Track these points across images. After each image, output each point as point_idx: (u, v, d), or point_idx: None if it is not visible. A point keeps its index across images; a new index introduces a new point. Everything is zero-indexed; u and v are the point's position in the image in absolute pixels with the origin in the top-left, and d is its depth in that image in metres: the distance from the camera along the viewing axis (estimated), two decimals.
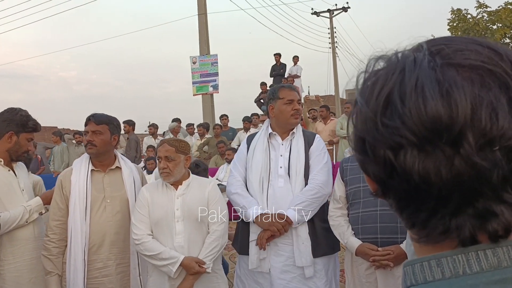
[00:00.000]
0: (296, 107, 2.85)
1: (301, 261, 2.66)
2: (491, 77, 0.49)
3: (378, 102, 0.52)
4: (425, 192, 0.51)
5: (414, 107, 0.49)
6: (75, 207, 2.60)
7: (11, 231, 2.60)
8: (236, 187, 2.82)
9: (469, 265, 0.51)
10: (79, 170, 2.68)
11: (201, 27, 13.86)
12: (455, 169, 0.48)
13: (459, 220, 0.51)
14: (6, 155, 2.70)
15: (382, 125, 0.51)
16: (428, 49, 0.53)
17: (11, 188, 2.67)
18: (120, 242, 2.68)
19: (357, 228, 2.63)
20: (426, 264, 0.54)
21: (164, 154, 2.60)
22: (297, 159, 2.77)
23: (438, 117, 0.48)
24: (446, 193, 0.50)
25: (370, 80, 0.55)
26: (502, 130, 0.47)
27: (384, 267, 2.52)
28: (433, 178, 0.49)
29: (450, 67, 0.50)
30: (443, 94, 0.48)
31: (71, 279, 2.56)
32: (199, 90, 13.51)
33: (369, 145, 0.54)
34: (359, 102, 0.56)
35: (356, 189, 2.67)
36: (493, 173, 0.48)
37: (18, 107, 2.79)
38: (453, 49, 0.52)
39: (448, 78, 0.49)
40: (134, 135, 9.76)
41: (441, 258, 0.53)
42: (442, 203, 0.51)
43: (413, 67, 0.51)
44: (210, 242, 2.59)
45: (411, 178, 0.50)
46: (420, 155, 0.49)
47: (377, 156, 0.53)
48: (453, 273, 0.51)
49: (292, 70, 14.08)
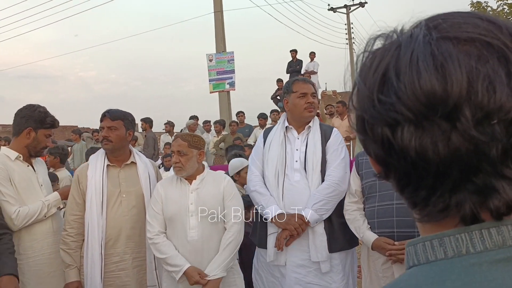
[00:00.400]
0: (309, 100, 2.82)
1: (317, 256, 2.65)
2: (489, 50, 0.48)
3: (374, 79, 0.52)
4: (423, 169, 0.50)
5: (408, 82, 0.48)
6: (91, 202, 2.63)
7: (30, 226, 2.64)
8: (255, 184, 2.81)
9: (472, 244, 0.50)
10: (95, 165, 2.72)
11: (217, 25, 13.89)
12: (452, 144, 0.47)
13: (459, 196, 0.49)
14: (25, 151, 2.74)
15: (379, 101, 0.51)
16: (426, 24, 0.52)
17: (30, 184, 2.72)
18: (136, 236, 2.70)
19: (373, 222, 2.60)
20: (429, 244, 0.53)
21: (177, 149, 2.61)
22: (314, 154, 2.74)
23: (432, 91, 0.47)
24: (444, 169, 0.49)
25: (368, 58, 0.54)
26: (500, 103, 0.46)
27: (401, 262, 2.49)
28: (430, 154, 0.48)
29: (446, 40, 0.49)
30: (438, 67, 0.47)
31: (89, 272, 2.60)
32: (216, 87, 13.54)
33: (367, 123, 0.53)
34: (357, 81, 0.55)
35: (372, 183, 2.64)
36: (492, 148, 0.47)
37: (37, 104, 2.83)
38: (450, 23, 0.51)
39: (443, 51, 0.48)
40: (152, 133, 9.84)
41: (443, 237, 0.51)
42: (441, 180, 0.49)
43: (409, 42, 0.50)
44: (225, 246, 2.57)
45: (408, 155, 0.50)
46: (417, 131, 0.48)
47: (376, 134, 0.52)
48: (456, 253, 0.50)
49: (309, 66, 14.00)
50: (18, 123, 2.75)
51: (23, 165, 2.72)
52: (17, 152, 2.71)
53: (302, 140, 2.83)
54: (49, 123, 2.79)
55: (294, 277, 2.68)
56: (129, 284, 2.68)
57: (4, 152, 2.72)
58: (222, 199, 2.64)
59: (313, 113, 2.84)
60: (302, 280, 2.68)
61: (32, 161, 2.80)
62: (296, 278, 2.68)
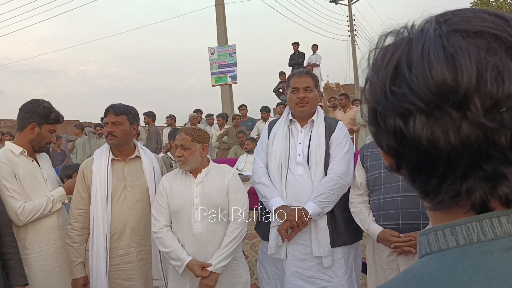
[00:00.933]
0: (300, 95, 2.77)
1: (319, 251, 2.64)
2: (497, 42, 0.50)
3: (387, 71, 0.54)
4: (434, 157, 0.51)
5: (420, 73, 0.50)
6: (96, 196, 2.64)
7: (35, 221, 2.65)
8: (260, 176, 2.81)
9: (483, 232, 0.51)
10: (100, 160, 2.72)
11: (218, 18, 13.84)
12: (463, 132, 0.49)
13: (469, 183, 0.51)
14: (29, 146, 2.75)
15: (391, 93, 0.53)
16: (436, 19, 0.54)
17: (35, 179, 2.72)
18: (141, 230, 2.71)
19: (378, 215, 2.60)
20: (440, 233, 0.54)
21: (180, 143, 2.61)
22: (317, 148, 2.72)
23: (443, 81, 0.49)
24: (455, 157, 0.50)
25: (379, 54, 0.57)
26: (508, 91, 0.48)
27: (406, 254, 2.49)
28: (442, 143, 0.50)
29: (456, 33, 0.51)
30: (448, 58, 0.49)
31: (94, 265, 2.62)
32: (218, 80, 13.52)
33: (380, 115, 0.55)
34: (369, 74, 0.57)
35: (377, 175, 2.63)
36: (501, 135, 0.48)
37: (41, 99, 2.82)
38: (459, 18, 0.53)
39: (454, 43, 0.50)
40: (155, 126, 9.83)
41: (455, 226, 0.53)
42: (452, 167, 0.51)
43: (420, 36, 0.53)
44: (229, 238, 2.57)
45: (420, 144, 0.51)
46: (429, 120, 0.50)
47: (388, 125, 0.54)
48: (467, 241, 0.51)
49: (311, 58, 13.93)
50: (22, 118, 2.75)
51: (28, 160, 2.73)
52: (21, 147, 2.71)
53: (305, 133, 2.81)
54: (54, 118, 2.79)
55: (294, 270, 2.68)
56: (134, 277, 2.69)
57: (9, 147, 2.72)
58: (226, 192, 2.63)
59: (305, 108, 2.78)
60: (304, 274, 2.67)
61: (36, 156, 2.81)
62: (297, 272, 2.68)
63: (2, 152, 2.70)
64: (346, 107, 9.56)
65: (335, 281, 2.66)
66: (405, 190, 2.52)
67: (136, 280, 2.69)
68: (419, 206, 2.50)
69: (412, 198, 2.51)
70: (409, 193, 2.52)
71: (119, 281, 2.68)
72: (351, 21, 27.84)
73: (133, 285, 2.69)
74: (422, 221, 2.50)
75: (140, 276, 2.70)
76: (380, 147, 0.59)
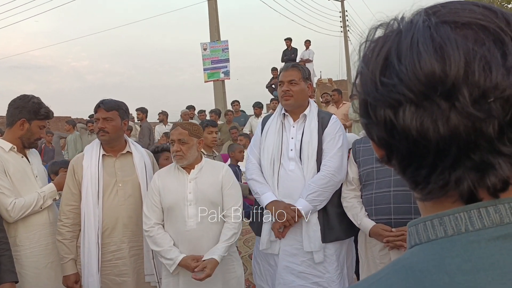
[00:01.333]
0: (284, 88, 2.75)
1: (310, 246, 2.63)
2: (485, 33, 0.50)
3: (377, 62, 0.54)
4: (424, 148, 0.52)
5: (409, 64, 0.51)
6: (87, 192, 2.62)
7: (26, 217, 2.63)
8: (252, 172, 2.80)
9: (471, 222, 0.52)
10: (91, 155, 2.70)
11: (211, 13, 13.79)
12: (451, 122, 0.50)
13: (458, 173, 0.51)
14: (19, 142, 2.72)
15: (381, 84, 0.53)
16: (425, 11, 0.55)
17: (25, 175, 2.70)
18: (133, 225, 2.70)
19: (370, 209, 2.60)
20: (429, 224, 0.55)
21: (177, 137, 2.59)
22: (309, 143, 2.70)
23: (432, 71, 0.49)
24: (443, 147, 0.51)
25: (371, 46, 0.57)
26: (496, 82, 0.48)
27: (398, 248, 2.50)
28: (431, 133, 0.51)
29: (445, 24, 0.52)
30: (437, 49, 0.50)
31: (86, 262, 2.60)
32: (211, 76, 13.49)
33: (370, 106, 0.56)
34: (360, 66, 0.58)
35: (369, 170, 2.64)
36: (488, 125, 0.49)
37: (31, 94, 2.80)
38: (448, 9, 0.54)
39: (442, 34, 0.51)
40: (147, 123, 9.80)
41: (443, 216, 0.53)
42: (441, 157, 0.52)
43: (409, 28, 0.54)
44: (227, 235, 2.56)
45: (410, 134, 0.52)
46: (418, 110, 0.51)
47: (379, 116, 0.55)
48: (456, 231, 0.52)
49: (304, 54, 13.94)
50: (12, 114, 2.72)
51: (18, 157, 2.70)
52: (11, 143, 2.68)
53: (297, 128, 2.79)
54: (43, 114, 2.76)
55: (285, 265, 2.67)
56: (126, 273, 2.68)
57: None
58: (220, 188, 2.62)
59: (289, 101, 2.76)
60: (295, 270, 2.66)
61: (26, 152, 2.78)
62: (288, 267, 2.67)
63: None
64: (339, 103, 9.58)
65: (326, 277, 2.66)
66: (397, 184, 2.53)
67: (128, 276, 2.68)
68: (411, 201, 2.51)
69: (404, 193, 2.52)
70: (401, 188, 2.52)
71: (111, 277, 2.67)
72: (344, 17, 27.87)
73: (125, 281, 2.68)
74: (414, 215, 2.51)
75: (132, 271, 2.69)
76: (371, 139, 0.59)
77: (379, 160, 0.60)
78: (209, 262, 2.44)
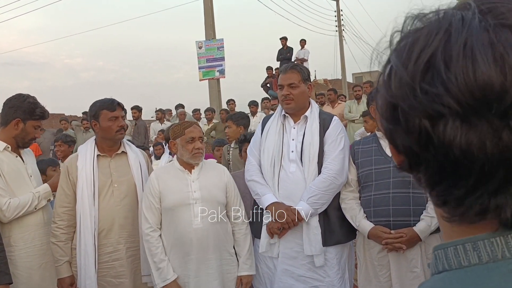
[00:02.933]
0: (284, 92, 2.72)
1: (310, 249, 2.60)
2: None
3: (417, 66, 0.47)
4: (465, 168, 0.46)
5: (461, 73, 0.44)
6: (83, 193, 2.59)
7: (20, 217, 2.60)
8: (252, 173, 2.78)
9: (508, 248, 0.47)
10: (85, 156, 2.67)
11: (206, 11, 13.72)
12: (503, 143, 0.43)
13: (499, 199, 0.46)
14: (13, 142, 2.69)
15: (421, 91, 0.46)
16: (478, 7, 0.47)
17: (19, 175, 2.66)
18: (129, 226, 2.66)
19: (369, 211, 2.59)
20: (461, 248, 0.49)
21: (199, 135, 2.63)
22: (311, 145, 2.67)
23: (489, 84, 0.43)
24: (489, 169, 0.45)
25: (408, 40, 0.49)
26: None
27: (397, 250, 2.50)
28: (476, 152, 0.44)
29: (504, 28, 0.44)
30: (497, 58, 0.43)
31: (82, 264, 2.56)
32: (206, 75, 13.43)
33: (402, 112, 0.49)
34: (394, 64, 0.50)
35: (368, 172, 2.62)
36: None
37: (27, 94, 2.77)
38: (507, 8, 0.46)
39: (503, 41, 0.43)
40: (143, 121, 9.76)
41: (477, 241, 0.48)
42: (484, 180, 0.45)
43: (460, 27, 0.46)
44: (243, 239, 2.70)
45: (450, 151, 0.46)
46: (463, 126, 0.44)
47: (411, 126, 0.48)
48: (491, 257, 0.47)
49: (300, 53, 13.92)
50: (7, 113, 2.69)
51: (12, 156, 2.67)
52: (5, 143, 2.65)
53: (298, 129, 2.75)
54: (39, 114, 2.73)
55: (284, 268, 2.65)
56: (123, 274, 2.65)
57: None
58: (225, 189, 2.67)
59: (290, 105, 2.73)
60: (294, 273, 2.64)
61: (20, 152, 2.74)
62: (287, 270, 2.64)
63: None
64: (335, 103, 9.57)
65: (326, 281, 2.63)
66: (396, 186, 2.52)
67: (126, 277, 2.65)
68: (410, 203, 2.50)
69: (403, 195, 2.51)
70: (400, 190, 2.51)
71: (108, 279, 2.64)
72: (339, 16, 27.86)
73: (122, 282, 2.65)
74: (413, 217, 2.50)
75: (129, 272, 2.66)
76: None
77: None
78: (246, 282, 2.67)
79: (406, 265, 2.53)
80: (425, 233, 2.47)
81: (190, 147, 2.59)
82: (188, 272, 2.53)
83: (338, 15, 27.89)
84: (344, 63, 26.68)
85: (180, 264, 2.54)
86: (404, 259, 2.53)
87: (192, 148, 2.59)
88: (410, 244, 2.47)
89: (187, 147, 2.60)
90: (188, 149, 2.59)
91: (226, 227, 2.66)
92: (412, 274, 2.52)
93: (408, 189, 2.51)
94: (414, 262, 2.52)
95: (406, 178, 2.52)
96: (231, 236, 2.68)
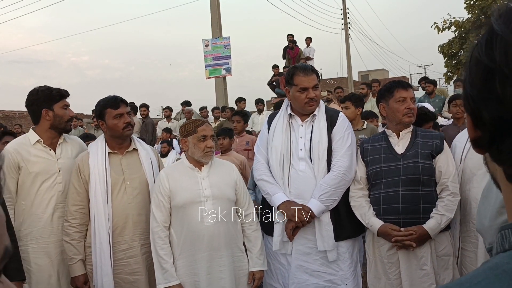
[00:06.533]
0: (310, 95, 2.70)
1: (323, 245, 2.63)
2: None
3: None
4: None
5: None
6: (96, 190, 2.61)
7: (29, 213, 2.64)
8: (261, 173, 2.79)
9: None
10: (96, 154, 2.68)
11: (213, 9, 13.72)
12: None
13: None
14: (49, 134, 2.74)
15: None
16: None
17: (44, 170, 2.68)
18: (143, 223, 2.67)
19: (378, 209, 2.60)
20: None
21: (211, 133, 2.65)
22: (319, 143, 2.68)
23: None
24: None
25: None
26: None
27: (407, 248, 2.51)
28: None
29: None
30: None
31: (98, 262, 2.58)
32: (212, 73, 13.45)
33: (501, 79, 0.47)
34: (500, 30, 0.49)
35: (377, 170, 2.63)
36: None
37: (37, 86, 2.82)
38: None
39: None
40: (150, 118, 9.80)
41: None
42: None
43: None
44: (254, 235, 2.71)
45: None
46: None
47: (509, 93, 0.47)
48: None
49: (305, 52, 13.88)
50: (33, 111, 2.76)
51: (43, 150, 2.72)
52: (39, 137, 2.72)
53: (306, 127, 2.77)
54: (57, 94, 2.78)
55: (299, 264, 2.68)
56: (139, 271, 2.66)
57: (28, 134, 2.77)
58: (234, 185, 2.68)
59: (314, 106, 2.75)
60: (308, 268, 2.67)
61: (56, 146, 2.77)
62: (302, 266, 2.68)
63: (17, 140, 2.78)
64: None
65: (340, 274, 2.67)
66: (406, 184, 2.53)
67: (141, 274, 2.67)
68: (420, 201, 2.51)
69: (413, 193, 2.52)
70: (410, 188, 2.52)
71: (123, 276, 2.65)
72: (345, 14, 27.75)
73: (138, 279, 2.66)
74: (422, 215, 2.51)
75: (144, 269, 2.68)
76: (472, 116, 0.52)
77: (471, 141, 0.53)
78: None
79: (416, 262, 2.54)
80: (435, 231, 2.47)
81: (202, 146, 2.59)
82: (199, 270, 2.53)
83: (344, 13, 27.77)
84: (350, 61, 26.57)
85: (191, 262, 2.54)
86: (414, 257, 2.54)
87: (204, 146, 2.59)
88: (419, 241, 2.48)
89: (199, 145, 2.59)
90: (200, 147, 2.59)
91: (237, 224, 2.67)
92: (422, 271, 2.53)
93: (417, 186, 2.52)
94: (424, 259, 2.53)
95: (416, 176, 2.53)
96: (241, 233, 2.70)
